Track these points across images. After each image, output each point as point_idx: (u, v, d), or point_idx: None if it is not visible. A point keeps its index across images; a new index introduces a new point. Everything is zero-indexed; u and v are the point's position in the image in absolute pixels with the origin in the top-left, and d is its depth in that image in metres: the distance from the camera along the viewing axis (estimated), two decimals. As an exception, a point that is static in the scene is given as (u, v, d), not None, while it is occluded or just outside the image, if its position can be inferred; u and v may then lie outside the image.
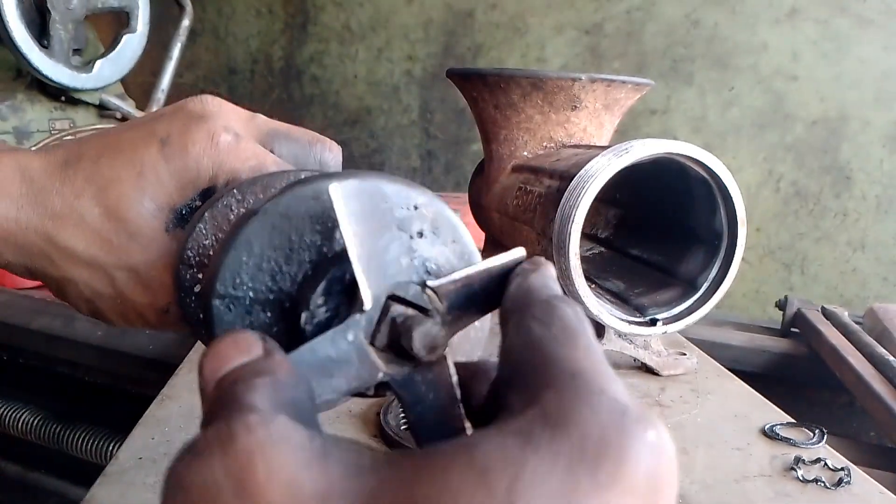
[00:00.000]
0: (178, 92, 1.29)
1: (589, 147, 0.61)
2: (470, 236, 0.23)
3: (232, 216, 0.25)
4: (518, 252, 0.20)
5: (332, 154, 0.30)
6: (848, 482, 0.45)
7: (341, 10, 1.40)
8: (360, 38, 1.40)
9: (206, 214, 0.25)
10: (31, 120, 0.99)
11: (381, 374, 0.19)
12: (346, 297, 0.20)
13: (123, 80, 1.10)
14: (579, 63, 1.27)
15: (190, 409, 0.52)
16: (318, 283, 0.20)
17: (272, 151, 0.28)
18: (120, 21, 1.05)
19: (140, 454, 0.45)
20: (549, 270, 0.19)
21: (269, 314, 0.22)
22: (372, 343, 0.19)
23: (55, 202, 0.25)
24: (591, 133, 0.65)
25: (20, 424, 0.85)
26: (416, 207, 0.21)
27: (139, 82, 1.19)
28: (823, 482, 0.45)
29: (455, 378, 0.20)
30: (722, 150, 1.20)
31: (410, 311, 0.19)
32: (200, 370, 0.16)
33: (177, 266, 0.25)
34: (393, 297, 0.19)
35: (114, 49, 1.03)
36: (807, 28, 1.16)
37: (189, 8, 1.15)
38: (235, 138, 0.26)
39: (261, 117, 0.29)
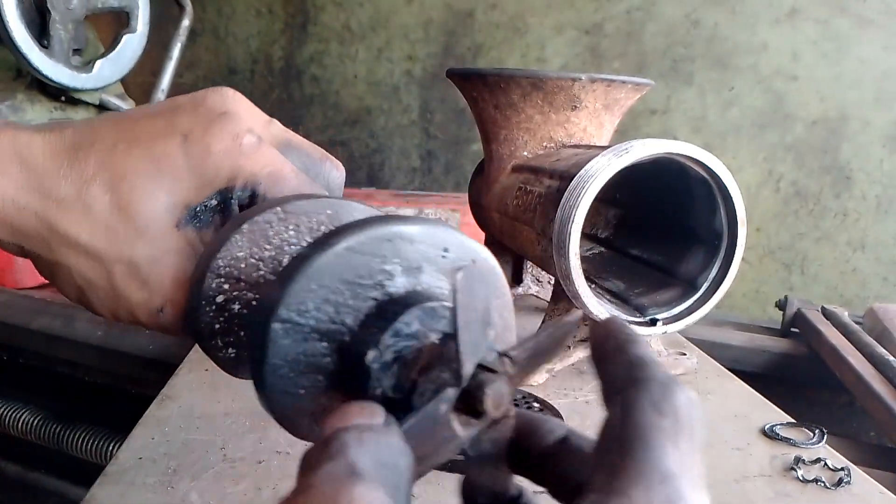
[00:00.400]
0: (178, 92, 1.29)
1: (589, 147, 0.61)
2: (507, 290, 0.24)
3: (271, 233, 0.25)
4: (574, 315, 0.21)
5: (338, 174, 0.29)
6: (848, 482, 0.45)
7: (341, 10, 1.40)
8: (360, 38, 1.39)
9: (245, 227, 0.25)
10: (31, 120, 0.99)
11: (461, 440, 0.20)
12: (411, 342, 0.21)
13: (123, 80, 1.10)
14: (579, 63, 1.27)
15: (190, 409, 0.52)
16: (387, 324, 0.21)
17: None
18: (120, 21, 1.05)
19: (140, 454, 0.45)
20: (643, 340, 0.18)
21: (325, 344, 0.22)
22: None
23: (61, 186, 0.24)
24: (591, 133, 0.65)
25: (20, 424, 0.85)
26: (474, 261, 0.23)
27: (139, 82, 1.19)
28: (823, 482, 0.45)
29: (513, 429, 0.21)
30: (722, 150, 1.20)
31: (494, 380, 0.20)
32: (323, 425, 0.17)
33: (203, 272, 0.24)
34: (480, 366, 0.20)
35: (114, 49, 1.03)
36: (807, 28, 1.16)
37: (189, 8, 1.15)
38: (258, 142, 0.26)
39: (277, 123, 0.28)
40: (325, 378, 0.23)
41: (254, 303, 0.26)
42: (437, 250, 0.23)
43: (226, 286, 0.25)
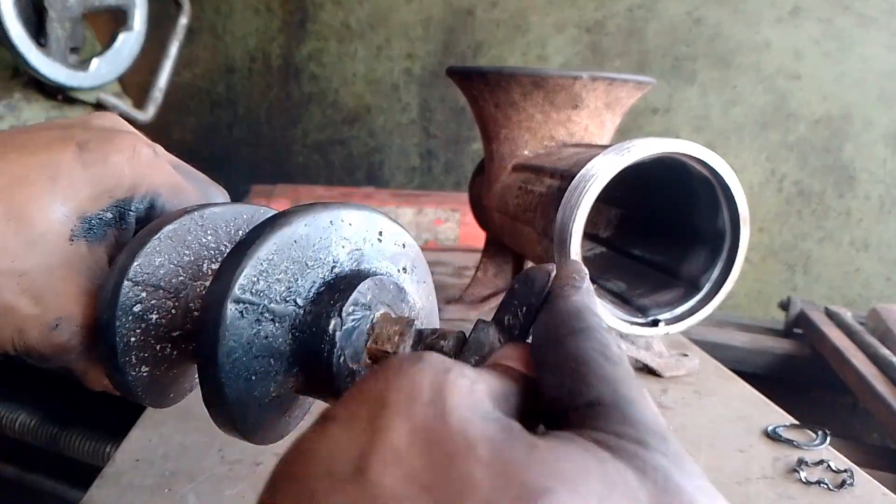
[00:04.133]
0: (176, 90, 1.29)
1: (590, 146, 0.61)
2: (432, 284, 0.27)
3: (190, 238, 0.25)
4: (547, 268, 0.21)
5: (223, 198, 0.29)
6: (851, 484, 0.45)
7: (340, 8, 1.39)
8: (360, 36, 1.39)
9: (163, 232, 0.24)
10: (28, 119, 0.99)
11: None
12: (367, 310, 0.23)
13: (121, 79, 1.09)
14: (580, 61, 1.27)
15: (187, 411, 0.51)
16: (346, 295, 0.22)
17: None
18: (117, 19, 1.05)
19: (137, 456, 0.44)
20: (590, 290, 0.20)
21: (277, 324, 0.22)
22: None
23: None
24: (592, 132, 0.64)
25: (17, 426, 0.85)
26: (404, 245, 0.25)
27: (137, 81, 1.19)
28: (826, 484, 0.45)
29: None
30: (724, 149, 1.19)
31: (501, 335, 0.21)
32: None
33: (120, 280, 0.24)
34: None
35: (111, 47, 1.03)
36: (809, 27, 1.15)
37: (187, 6, 1.14)
38: (155, 154, 0.26)
39: (161, 147, 0.28)
40: (277, 360, 0.23)
41: (173, 311, 0.25)
42: (374, 233, 0.25)
43: (143, 294, 0.24)
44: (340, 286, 0.23)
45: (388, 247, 0.25)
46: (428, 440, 0.13)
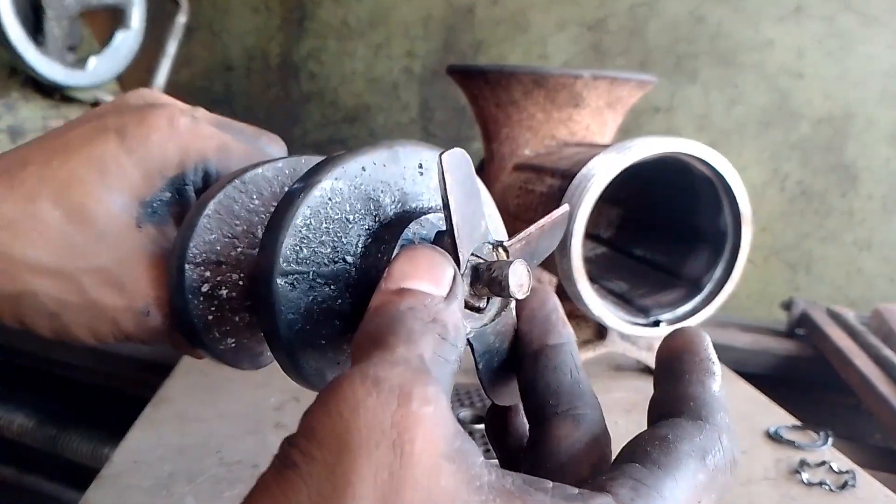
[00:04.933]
0: (175, 89, 1.28)
1: (591, 145, 0.60)
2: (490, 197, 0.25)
3: (237, 207, 0.24)
4: (562, 209, 0.22)
5: (277, 147, 0.29)
6: (853, 485, 0.45)
7: (339, 6, 1.38)
8: (359, 34, 1.38)
9: (209, 208, 0.24)
10: (26, 118, 0.99)
11: (469, 331, 0.21)
12: None
13: (119, 78, 1.09)
14: (582, 60, 1.26)
15: (185, 412, 0.51)
16: (391, 246, 0.21)
17: None
18: (115, 18, 1.04)
19: (135, 457, 0.44)
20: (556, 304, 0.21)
21: (332, 287, 0.22)
22: None
23: (5, 210, 0.23)
24: (593, 131, 0.64)
25: (15, 427, 0.85)
26: None
27: (135, 80, 1.18)
28: (828, 485, 0.44)
29: (516, 324, 0.22)
30: (726, 148, 1.18)
31: (488, 262, 0.20)
32: (391, 267, 0.18)
33: (181, 265, 0.23)
34: (473, 255, 0.20)
35: (109, 46, 1.02)
36: (812, 25, 1.14)
37: (184, 4, 1.14)
38: (193, 120, 0.25)
39: (202, 109, 0.27)
40: (342, 321, 0.22)
41: (241, 282, 0.25)
42: (412, 168, 0.23)
43: (207, 273, 0.24)
44: (385, 236, 0.21)
45: (432, 177, 0.23)
46: (394, 492, 0.13)
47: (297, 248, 0.21)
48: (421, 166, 0.23)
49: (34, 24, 0.94)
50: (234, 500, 0.40)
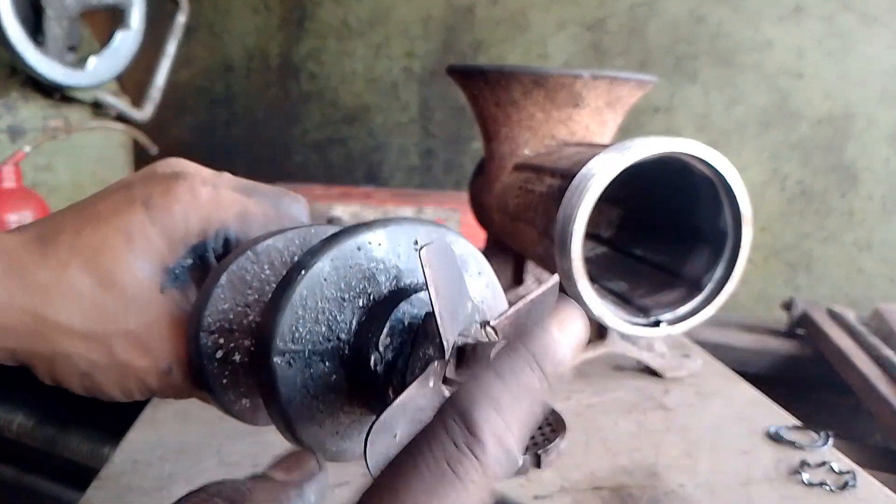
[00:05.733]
0: (174, 89, 1.28)
1: (591, 145, 0.60)
2: (489, 267, 0.25)
3: (249, 277, 0.26)
4: (552, 280, 0.22)
5: (299, 206, 0.30)
6: (853, 485, 0.44)
7: (339, 6, 1.38)
8: (359, 34, 1.38)
9: (223, 279, 0.25)
10: (25, 118, 0.99)
11: None
12: (407, 335, 0.22)
13: (119, 78, 1.09)
14: (582, 60, 1.26)
15: (185, 412, 0.51)
16: (381, 327, 0.22)
17: None
18: (115, 18, 1.04)
19: (135, 457, 0.44)
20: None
21: (327, 363, 0.22)
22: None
23: (40, 276, 0.24)
24: (593, 131, 0.64)
25: (15, 427, 0.85)
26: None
27: (135, 80, 1.18)
28: (829, 486, 0.44)
29: None
30: (726, 148, 1.18)
31: (473, 342, 0.21)
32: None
33: (196, 332, 0.25)
34: (461, 335, 0.21)
35: (109, 46, 1.02)
36: (812, 25, 1.14)
37: (184, 4, 1.14)
38: (214, 189, 0.27)
39: (227, 174, 0.29)
40: (337, 395, 0.23)
41: (252, 348, 0.26)
42: (407, 245, 0.24)
43: (221, 340, 0.25)
44: (378, 314, 0.22)
45: (459, 263, 0.24)
46: None
47: (294, 327, 0.22)
48: (416, 242, 0.24)
49: (34, 24, 0.94)
50: (233, 500, 0.40)
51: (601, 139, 0.65)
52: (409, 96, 1.38)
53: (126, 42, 1.04)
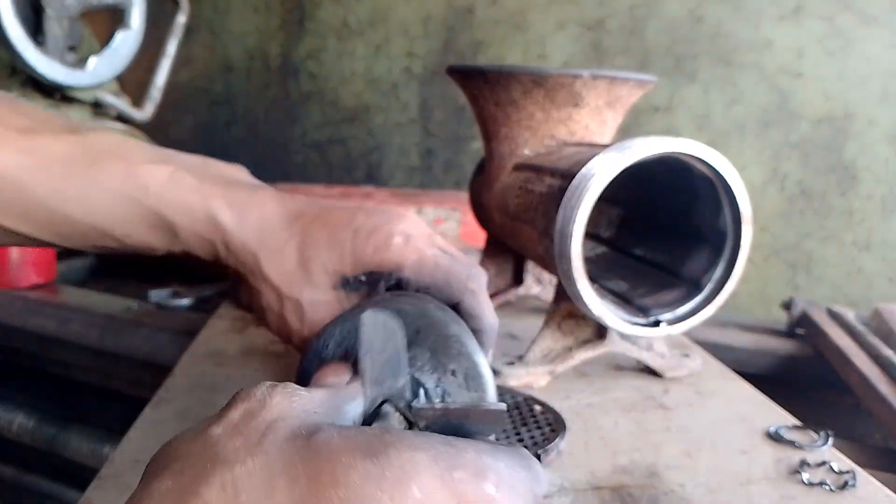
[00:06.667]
0: (175, 89, 1.28)
1: (591, 145, 0.60)
2: (492, 379, 0.29)
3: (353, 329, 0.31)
4: (499, 406, 0.25)
5: (481, 276, 0.37)
6: (853, 485, 0.44)
7: (339, 6, 1.38)
8: (359, 34, 1.38)
9: (339, 325, 0.32)
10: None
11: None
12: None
13: (119, 78, 1.09)
14: (581, 60, 1.26)
15: (186, 411, 0.51)
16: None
17: None
18: (115, 18, 1.04)
19: (136, 457, 0.44)
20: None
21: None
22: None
23: (271, 239, 0.36)
24: (593, 131, 0.64)
25: (15, 427, 0.85)
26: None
27: (135, 79, 1.18)
28: (828, 485, 0.44)
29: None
30: (726, 148, 1.18)
31: (396, 417, 0.24)
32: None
33: (322, 332, 0.32)
34: (387, 401, 0.25)
35: (109, 46, 1.02)
36: (812, 25, 1.14)
37: (185, 4, 1.14)
38: (405, 239, 0.35)
39: (440, 237, 0.37)
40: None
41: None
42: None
43: (318, 366, 0.32)
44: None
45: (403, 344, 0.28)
46: None
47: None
48: (418, 332, 0.30)
49: (34, 24, 0.94)
50: (233, 499, 0.40)
51: (601, 139, 0.65)
52: (408, 96, 1.38)
53: (126, 42, 1.04)
